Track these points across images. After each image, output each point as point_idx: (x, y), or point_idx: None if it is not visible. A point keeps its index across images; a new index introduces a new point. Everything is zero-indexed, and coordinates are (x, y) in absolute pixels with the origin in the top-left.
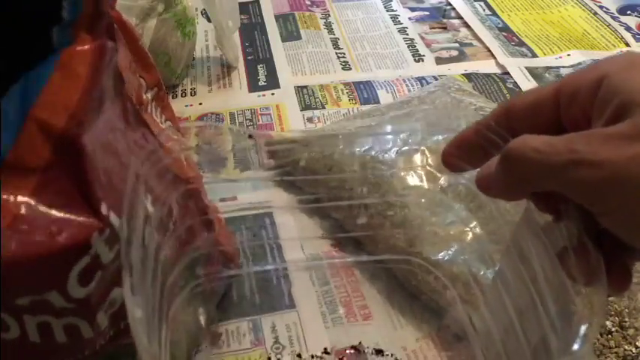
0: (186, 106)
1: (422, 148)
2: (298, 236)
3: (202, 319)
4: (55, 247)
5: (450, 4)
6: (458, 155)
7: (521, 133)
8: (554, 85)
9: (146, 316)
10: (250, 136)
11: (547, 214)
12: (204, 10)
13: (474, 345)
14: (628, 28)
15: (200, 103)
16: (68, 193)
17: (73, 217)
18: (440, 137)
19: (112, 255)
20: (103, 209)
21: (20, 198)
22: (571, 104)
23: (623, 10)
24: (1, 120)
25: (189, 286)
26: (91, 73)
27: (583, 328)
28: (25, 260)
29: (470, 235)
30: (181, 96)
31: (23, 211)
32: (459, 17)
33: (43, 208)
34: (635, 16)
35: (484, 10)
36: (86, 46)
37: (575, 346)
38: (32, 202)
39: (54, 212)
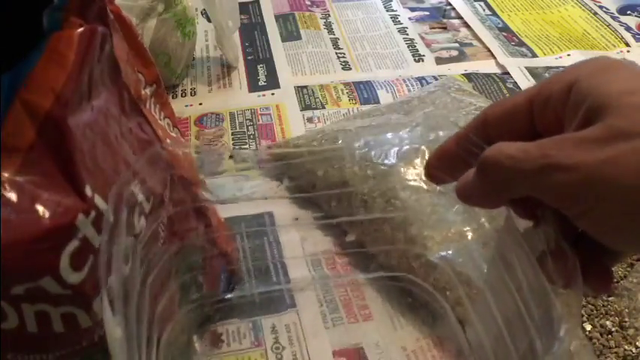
0: (186, 106)
1: (422, 148)
2: (299, 238)
3: (198, 345)
4: (40, 229)
5: (449, 4)
6: (439, 167)
7: (498, 141)
8: (528, 92)
9: (127, 336)
10: (231, 157)
11: (527, 221)
12: (204, 10)
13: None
14: (628, 28)
15: (200, 103)
16: (51, 173)
17: (56, 197)
18: (440, 137)
19: None
20: (88, 191)
21: (4, 177)
22: (544, 110)
23: (623, 10)
24: None
25: (186, 309)
26: (79, 56)
27: (562, 330)
28: (12, 242)
29: (469, 237)
30: (181, 96)
31: (7, 190)
32: (459, 17)
33: (27, 188)
34: (635, 16)
35: (484, 10)
36: (75, 30)
37: (555, 347)
38: (17, 181)
39: (38, 192)
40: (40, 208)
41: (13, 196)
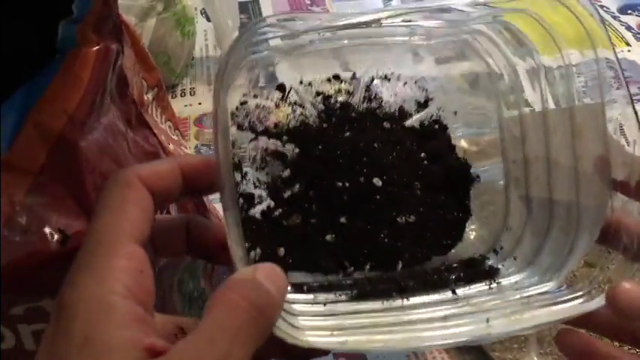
0: (186, 105)
1: None
2: None
3: None
4: (48, 251)
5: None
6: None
7: None
8: None
9: None
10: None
11: None
12: (203, 9)
13: None
14: (629, 28)
15: (199, 103)
16: (61, 196)
17: (65, 220)
18: None
19: None
20: None
21: (14, 199)
22: None
23: (623, 10)
24: (0, 122)
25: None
26: (93, 76)
27: None
28: (19, 264)
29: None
30: (180, 96)
31: (17, 212)
32: None
33: (37, 211)
34: (636, 15)
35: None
36: (91, 49)
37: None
38: (26, 203)
39: (47, 215)
40: (47, 231)
41: (21, 218)
